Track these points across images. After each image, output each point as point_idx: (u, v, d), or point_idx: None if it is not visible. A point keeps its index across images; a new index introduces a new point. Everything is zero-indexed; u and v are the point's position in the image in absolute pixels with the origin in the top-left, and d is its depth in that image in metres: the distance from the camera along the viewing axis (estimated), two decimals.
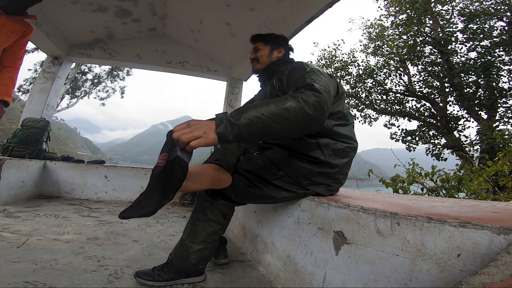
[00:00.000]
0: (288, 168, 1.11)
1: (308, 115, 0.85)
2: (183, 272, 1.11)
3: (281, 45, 1.39)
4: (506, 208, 0.91)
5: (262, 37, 1.39)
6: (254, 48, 1.39)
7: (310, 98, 0.87)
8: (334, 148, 1.11)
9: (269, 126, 0.83)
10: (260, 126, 0.82)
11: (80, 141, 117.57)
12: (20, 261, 1.16)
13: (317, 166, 1.10)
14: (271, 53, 1.36)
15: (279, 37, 1.40)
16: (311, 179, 1.11)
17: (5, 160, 2.39)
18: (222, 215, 1.16)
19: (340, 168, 1.14)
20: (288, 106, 0.84)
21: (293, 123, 0.84)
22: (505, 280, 0.42)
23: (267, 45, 1.37)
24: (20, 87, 13.71)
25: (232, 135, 0.80)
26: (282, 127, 0.84)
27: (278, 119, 0.83)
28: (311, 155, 1.10)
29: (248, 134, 0.81)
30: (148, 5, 3.47)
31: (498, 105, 7.49)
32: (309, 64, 1.13)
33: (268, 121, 0.82)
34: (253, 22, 3.12)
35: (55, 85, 3.86)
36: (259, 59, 1.37)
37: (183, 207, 3.13)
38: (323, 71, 1.12)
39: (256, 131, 0.82)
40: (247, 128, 0.81)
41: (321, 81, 0.98)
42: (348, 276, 0.81)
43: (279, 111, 0.83)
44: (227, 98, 4.43)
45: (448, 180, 2.29)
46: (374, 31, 10.75)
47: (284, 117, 0.83)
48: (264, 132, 0.83)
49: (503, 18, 7.52)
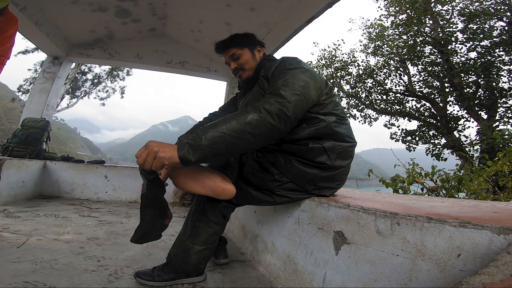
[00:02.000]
0: (292, 174, 1.07)
1: (271, 126, 0.84)
2: (183, 272, 1.11)
3: (256, 44, 1.26)
4: (506, 208, 0.91)
5: (234, 42, 1.22)
6: (230, 56, 1.22)
7: (272, 106, 0.84)
8: (339, 151, 1.09)
9: (233, 144, 0.81)
10: (223, 145, 0.80)
11: (80, 141, 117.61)
12: (20, 261, 1.16)
13: (322, 171, 1.07)
14: (254, 55, 1.23)
15: (249, 36, 1.26)
16: (316, 184, 1.09)
17: (5, 160, 2.39)
18: (222, 216, 1.16)
19: (343, 169, 1.13)
20: (249, 120, 0.81)
21: (257, 136, 0.83)
22: (505, 280, 0.42)
23: (244, 49, 1.22)
24: (20, 87, 13.71)
25: (195, 158, 0.79)
26: (247, 142, 0.82)
27: (241, 135, 0.81)
28: (317, 160, 1.06)
29: (212, 155, 0.80)
30: (148, 5, 3.47)
31: (498, 105, 7.49)
32: (294, 61, 1.08)
33: (231, 139, 0.80)
34: (253, 22, 3.12)
35: (55, 85, 3.86)
36: (244, 66, 1.22)
37: (183, 207, 3.14)
38: (307, 67, 1.08)
39: (220, 152, 0.81)
40: (210, 150, 0.79)
41: (296, 84, 0.94)
42: (348, 276, 0.81)
43: (241, 127, 0.81)
44: (227, 98, 4.43)
45: (448, 180, 2.29)
46: (374, 31, 10.76)
47: (248, 132, 0.81)
48: (229, 151, 0.82)
49: (503, 18, 7.52)
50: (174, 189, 3.38)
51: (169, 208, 1.01)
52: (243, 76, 1.24)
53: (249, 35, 1.27)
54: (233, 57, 1.22)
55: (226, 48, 1.23)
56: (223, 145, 0.80)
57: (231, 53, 1.22)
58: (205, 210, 1.14)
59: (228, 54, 1.23)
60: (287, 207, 1.22)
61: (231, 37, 1.24)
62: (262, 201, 1.10)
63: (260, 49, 1.27)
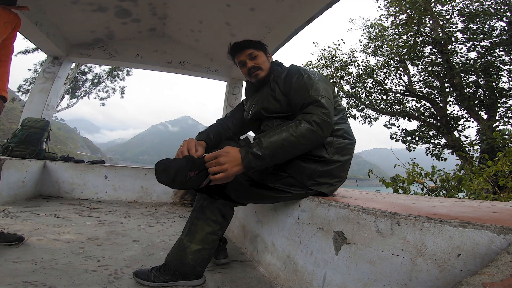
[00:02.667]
0: (291, 169, 1.10)
1: (320, 137, 0.99)
2: (180, 273, 1.09)
3: (267, 51, 1.36)
4: (506, 208, 0.91)
5: (251, 43, 1.29)
6: (248, 55, 1.27)
7: (320, 118, 0.98)
8: (337, 146, 1.12)
9: (289, 152, 0.98)
10: (281, 155, 0.97)
11: (80, 141, 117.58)
12: (20, 261, 1.16)
13: (320, 165, 1.10)
14: (267, 58, 1.33)
15: (261, 43, 1.35)
16: (315, 179, 1.10)
17: (5, 160, 2.39)
18: (221, 214, 1.15)
19: (342, 164, 1.14)
20: (304, 132, 0.96)
21: (308, 145, 0.99)
22: (505, 280, 0.42)
23: (260, 51, 1.30)
24: (20, 87, 13.71)
25: (257, 165, 0.95)
26: (300, 150, 0.99)
27: (297, 145, 0.97)
28: (315, 154, 1.09)
29: (272, 162, 0.97)
30: (148, 5, 3.47)
31: (498, 105, 7.49)
32: (303, 68, 1.19)
33: (289, 149, 0.96)
34: (253, 22, 3.12)
35: (55, 85, 3.86)
36: (261, 66, 1.28)
37: (183, 207, 3.14)
38: (318, 73, 1.17)
39: (277, 159, 0.98)
40: (271, 158, 0.95)
41: (324, 91, 1.06)
42: (348, 276, 0.81)
43: (297, 139, 0.96)
44: (227, 98, 4.43)
45: (448, 180, 2.29)
46: (374, 31, 10.76)
47: (302, 143, 0.97)
48: (285, 158, 0.99)
49: (503, 18, 7.52)
50: (174, 189, 3.38)
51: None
52: (259, 75, 1.28)
53: (262, 43, 1.34)
54: (251, 56, 1.27)
55: (244, 48, 1.28)
56: (281, 155, 0.97)
57: (248, 52, 1.27)
58: (204, 208, 1.14)
59: (246, 53, 1.28)
60: (287, 207, 1.22)
61: (251, 40, 1.31)
62: (260, 196, 1.10)
63: (270, 55, 1.36)
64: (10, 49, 1.51)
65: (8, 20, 1.40)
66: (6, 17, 1.39)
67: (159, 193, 3.33)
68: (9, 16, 1.41)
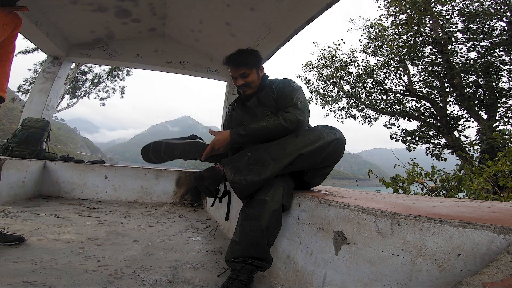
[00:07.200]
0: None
1: (288, 130, 1.23)
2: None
3: (260, 63, 1.44)
4: (506, 208, 0.91)
5: (245, 62, 1.37)
6: (241, 74, 1.38)
7: (292, 116, 1.24)
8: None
9: (262, 138, 1.24)
10: (259, 138, 1.24)
11: (80, 141, 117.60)
12: (20, 261, 1.16)
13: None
14: (258, 75, 1.43)
15: (256, 55, 1.42)
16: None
17: (5, 160, 2.39)
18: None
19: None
20: (278, 126, 1.23)
21: (278, 134, 1.23)
22: (505, 280, 0.42)
23: (252, 69, 1.39)
24: (20, 87, 13.69)
25: (239, 142, 1.26)
26: (271, 137, 1.22)
27: (271, 133, 1.23)
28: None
29: (252, 141, 1.27)
30: (148, 5, 3.47)
31: (498, 105, 7.48)
32: (294, 83, 1.42)
33: (263, 135, 1.23)
34: (253, 22, 3.12)
35: (55, 85, 3.86)
36: (250, 85, 1.41)
37: (183, 207, 3.14)
38: (299, 86, 1.44)
39: (254, 140, 1.26)
40: (250, 138, 1.25)
41: (303, 98, 1.34)
42: (348, 276, 0.81)
43: (271, 130, 1.23)
44: (227, 98, 4.43)
45: (448, 180, 2.29)
46: (374, 31, 10.74)
47: (275, 132, 1.23)
48: (262, 140, 1.24)
49: (503, 18, 7.51)
50: (174, 189, 3.38)
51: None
52: (247, 92, 1.44)
53: (256, 54, 1.43)
54: (243, 75, 1.39)
55: (237, 66, 1.38)
56: (259, 138, 1.24)
57: (241, 72, 1.38)
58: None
59: (238, 72, 1.39)
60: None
61: (242, 55, 1.39)
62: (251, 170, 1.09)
63: (262, 68, 1.47)
64: (10, 49, 1.51)
65: (7, 22, 1.40)
66: (5, 18, 1.38)
67: (159, 193, 3.33)
68: (8, 18, 1.41)
